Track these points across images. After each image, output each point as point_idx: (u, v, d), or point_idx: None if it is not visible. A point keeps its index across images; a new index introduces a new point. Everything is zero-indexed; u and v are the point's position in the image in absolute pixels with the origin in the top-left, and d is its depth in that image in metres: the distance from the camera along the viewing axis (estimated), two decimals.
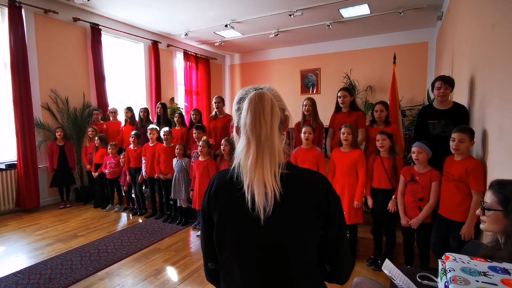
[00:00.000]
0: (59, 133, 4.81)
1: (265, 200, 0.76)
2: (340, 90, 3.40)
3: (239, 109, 0.86)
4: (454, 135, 2.19)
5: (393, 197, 2.73)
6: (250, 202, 0.77)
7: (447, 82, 2.60)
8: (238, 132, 0.87)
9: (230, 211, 0.84)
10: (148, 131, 4.33)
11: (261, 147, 0.78)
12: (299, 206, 0.81)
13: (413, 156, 2.51)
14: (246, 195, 0.78)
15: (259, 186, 0.76)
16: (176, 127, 4.74)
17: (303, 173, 0.86)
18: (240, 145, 0.82)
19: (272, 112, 0.80)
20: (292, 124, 0.92)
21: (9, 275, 2.80)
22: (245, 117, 0.80)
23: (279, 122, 0.83)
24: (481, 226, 1.22)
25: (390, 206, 2.72)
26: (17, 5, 4.50)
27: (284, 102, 0.88)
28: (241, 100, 0.86)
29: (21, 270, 2.89)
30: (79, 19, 5.39)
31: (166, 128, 4.32)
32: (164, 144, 4.29)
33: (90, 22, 5.55)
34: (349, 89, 3.47)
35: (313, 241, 0.83)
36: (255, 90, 0.84)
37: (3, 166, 4.58)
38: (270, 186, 0.76)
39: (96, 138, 4.86)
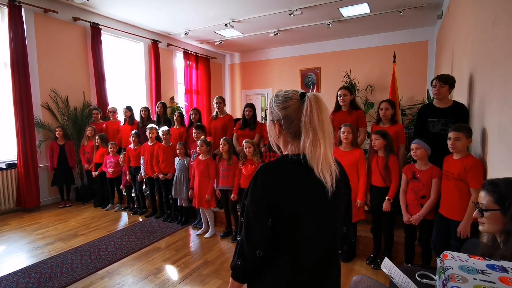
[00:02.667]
0: (58, 132, 4.81)
1: (330, 178, 0.95)
2: (340, 88, 3.40)
3: (285, 108, 1.00)
4: (450, 134, 2.22)
5: (387, 198, 2.75)
6: (324, 181, 0.95)
7: (442, 80, 2.61)
8: (279, 126, 1.02)
9: (305, 196, 0.97)
10: (147, 131, 4.34)
11: (325, 139, 0.94)
12: (342, 183, 1.04)
13: (412, 152, 2.54)
14: (320, 177, 0.94)
15: (327, 168, 0.94)
16: (175, 126, 4.75)
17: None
18: (306, 138, 0.94)
19: (327, 110, 0.98)
20: None
21: (9, 274, 2.81)
22: (310, 115, 0.93)
23: None
24: (480, 228, 1.21)
25: (384, 206, 2.76)
26: (17, 4, 4.50)
27: None
28: (286, 100, 1.00)
29: (21, 269, 2.90)
30: (79, 19, 5.39)
31: (165, 128, 4.33)
32: (163, 144, 4.30)
33: (90, 22, 5.55)
34: (349, 88, 3.46)
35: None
36: (301, 93, 0.99)
37: (3, 166, 4.59)
38: (333, 168, 0.97)
39: (97, 137, 4.87)
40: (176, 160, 4.15)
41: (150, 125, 4.43)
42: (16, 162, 4.63)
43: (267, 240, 0.98)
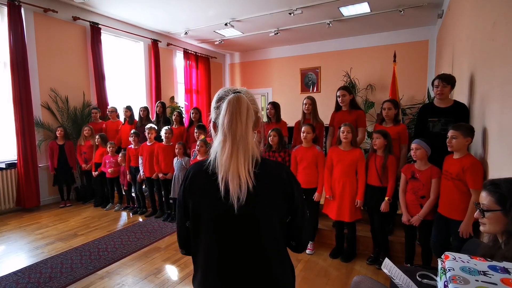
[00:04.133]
0: (59, 132, 4.81)
1: (239, 190, 0.87)
2: (339, 89, 3.39)
3: (218, 108, 0.96)
4: (448, 133, 2.24)
5: (386, 198, 2.75)
6: (223, 192, 0.88)
7: (445, 80, 2.61)
8: (214, 127, 0.98)
9: (206, 200, 0.93)
10: (146, 131, 4.33)
11: (236, 143, 0.88)
12: (269, 195, 0.93)
13: (412, 152, 2.54)
14: (220, 185, 0.88)
15: (233, 178, 0.87)
16: (174, 126, 4.74)
17: (270, 166, 0.97)
18: (217, 140, 0.92)
19: (247, 114, 0.91)
20: (292, 123, 0.99)
21: (9, 274, 2.81)
22: (224, 116, 0.90)
23: (253, 123, 0.94)
24: (481, 228, 1.21)
25: (383, 206, 2.76)
26: (17, 4, 4.49)
27: (258, 105, 0.99)
28: (220, 99, 0.96)
29: (21, 269, 2.90)
30: (78, 18, 5.38)
31: (168, 127, 4.33)
32: (163, 143, 4.29)
33: (89, 21, 5.54)
34: (348, 87, 3.45)
35: (279, 224, 0.97)
36: (234, 92, 0.94)
37: (3, 165, 4.58)
38: (244, 178, 0.87)
39: (97, 136, 4.86)
40: (175, 160, 4.14)
41: (149, 125, 4.42)
42: (16, 162, 4.63)
43: (188, 242, 1.02)
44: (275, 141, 3.30)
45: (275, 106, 3.97)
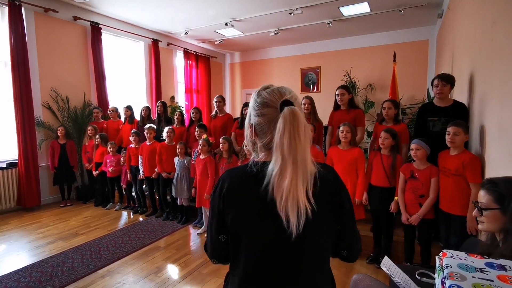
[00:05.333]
0: (60, 131, 4.82)
1: (297, 218, 0.78)
2: (338, 88, 3.39)
3: (260, 115, 0.87)
4: (449, 129, 2.27)
5: (395, 198, 2.73)
6: (285, 221, 0.78)
7: (444, 79, 2.62)
8: (255, 132, 0.89)
9: (252, 217, 0.85)
10: (146, 130, 4.34)
11: (297, 168, 0.79)
12: (324, 212, 0.84)
13: (412, 152, 2.54)
14: (280, 213, 0.79)
15: (293, 206, 0.78)
16: (175, 125, 4.75)
17: (320, 173, 0.85)
18: (275, 164, 0.80)
19: (305, 132, 0.81)
20: None
21: (10, 273, 2.82)
22: (281, 137, 0.79)
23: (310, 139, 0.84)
24: (480, 226, 1.22)
25: (393, 207, 2.72)
26: (17, 4, 4.50)
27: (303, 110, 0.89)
28: (265, 105, 0.87)
29: (22, 268, 2.91)
30: (79, 18, 5.39)
31: (170, 127, 4.34)
32: (166, 143, 4.30)
33: (90, 21, 5.55)
34: (347, 86, 3.45)
35: (330, 243, 0.90)
36: (284, 103, 0.84)
37: (4, 165, 4.59)
38: (303, 205, 0.78)
39: (97, 136, 4.88)
40: (176, 159, 4.15)
41: (148, 125, 4.43)
42: (17, 161, 4.64)
43: (223, 253, 0.93)
44: None
45: None
